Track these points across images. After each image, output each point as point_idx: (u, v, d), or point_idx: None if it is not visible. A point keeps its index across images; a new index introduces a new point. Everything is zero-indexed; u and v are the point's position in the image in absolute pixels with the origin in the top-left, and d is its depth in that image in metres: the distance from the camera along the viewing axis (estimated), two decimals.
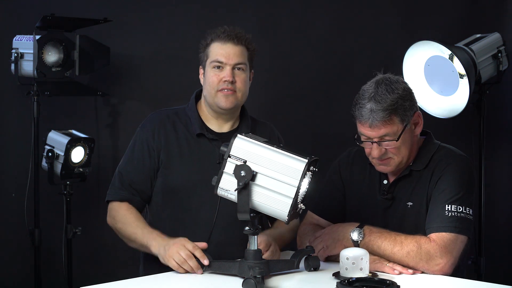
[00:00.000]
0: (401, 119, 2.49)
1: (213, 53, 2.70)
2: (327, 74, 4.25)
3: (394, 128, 2.48)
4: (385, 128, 2.47)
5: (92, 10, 3.96)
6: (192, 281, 2.33)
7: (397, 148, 2.51)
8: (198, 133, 2.72)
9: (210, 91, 2.70)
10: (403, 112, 2.49)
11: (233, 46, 2.69)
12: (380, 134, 2.48)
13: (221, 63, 2.68)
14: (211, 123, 2.77)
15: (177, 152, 2.71)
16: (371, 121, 2.46)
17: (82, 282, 2.41)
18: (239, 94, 2.71)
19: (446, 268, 2.38)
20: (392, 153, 2.52)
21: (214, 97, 2.69)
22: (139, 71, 4.14)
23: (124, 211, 2.68)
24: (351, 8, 4.29)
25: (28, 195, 3.73)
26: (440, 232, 2.42)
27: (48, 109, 3.85)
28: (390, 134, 2.48)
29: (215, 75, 2.68)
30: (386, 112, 2.46)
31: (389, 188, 2.61)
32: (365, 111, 2.47)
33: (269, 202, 2.24)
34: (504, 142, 4.26)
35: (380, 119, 2.46)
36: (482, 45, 3.75)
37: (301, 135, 4.11)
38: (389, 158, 2.53)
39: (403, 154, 2.53)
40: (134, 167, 2.72)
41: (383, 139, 2.49)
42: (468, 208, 2.46)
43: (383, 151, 2.51)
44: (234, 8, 4.16)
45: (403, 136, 2.50)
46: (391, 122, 2.47)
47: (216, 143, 2.68)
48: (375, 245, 2.44)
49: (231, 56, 2.68)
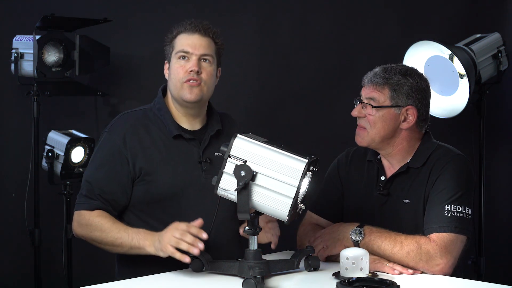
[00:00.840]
0: (391, 95, 2.57)
1: (179, 44, 2.60)
2: (327, 74, 4.25)
3: (381, 98, 2.57)
4: (374, 92, 2.58)
5: (92, 10, 3.96)
6: (192, 281, 2.33)
7: (374, 119, 2.57)
8: (175, 134, 2.60)
9: (175, 83, 2.59)
10: (398, 92, 2.57)
11: (200, 37, 2.60)
12: (368, 96, 2.59)
13: (187, 53, 2.58)
14: (182, 122, 2.64)
15: (157, 157, 2.57)
16: (367, 80, 2.61)
17: (82, 282, 2.41)
18: (204, 87, 2.58)
19: (446, 269, 2.39)
20: (368, 122, 2.58)
21: (180, 90, 2.57)
22: (139, 71, 4.15)
23: (98, 218, 2.50)
24: (351, 8, 4.29)
25: (28, 195, 3.73)
26: (440, 232, 2.42)
27: (48, 109, 3.85)
28: (375, 100, 2.57)
29: (180, 66, 2.58)
30: (383, 79, 2.58)
31: (385, 184, 2.62)
32: (371, 72, 2.63)
33: (269, 202, 2.24)
34: (504, 142, 4.26)
35: (374, 82, 2.59)
36: (482, 45, 3.75)
37: (301, 135, 4.11)
38: (364, 128, 2.59)
39: (377, 131, 2.57)
40: (104, 175, 2.55)
41: (368, 103, 2.58)
42: (467, 208, 2.46)
43: (362, 114, 2.60)
44: (234, 8, 4.16)
45: (385, 113, 2.57)
46: (381, 90, 2.58)
47: (194, 143, 2.61)
48: (375, 245, 2.44)
49: (197, 47, 2.58)
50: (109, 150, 2.58)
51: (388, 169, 2.64)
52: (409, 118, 2.59)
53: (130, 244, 2.43)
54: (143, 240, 2.40)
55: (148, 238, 2.40)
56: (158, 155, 2.57)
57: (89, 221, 2.51)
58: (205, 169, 2.59)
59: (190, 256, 2.30)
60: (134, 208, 2.60)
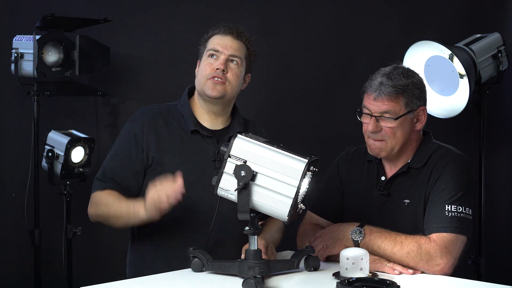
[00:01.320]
0: (406, 102, 2.51)
1: (211, 43, 2.69)
2: (327, 74, 4.25)
3: (397, 108, 2.50)
4: (388, 104, 2.49)
5: (92, 10, 3.96)
6: (192, 281, 2.33)
7: (393, 130, 2.51)
8: (193, 130, 2.67)
9: (200, 79, 2.67)
10: (411, 97, 2.52)
11: (232, 39, 2.68)
12: (382, 110, 2.50)
13: (216, 51, 2.65)
14: (204, 120, 2.71)
15: (170, 148, 2.65)
16: (377, 93, 2.50)
17: (82, 282, 2.41)
18: (228, 86, 2.65)
19: (446, 269, 2.39)
20: (387, 134, 2.52)
21: (203, 85, 2.65)
22: (139, 71, 4.15)
23: (106, 194, 2.61)
24: (351, 8, 4.29)
25: (28, 195, 3.73)
26: (440, 232, 2.42)
27: (48, 109, 3.85)
28: (391, 113, 2.50)
29: (208, 63, 2.66)
30: (394, 89, 2.49)
31: (386, 184, 2.61)
32: (375, 83, 2.51)
33: (269, 202, 2.23)
34: (504, 142, 4.26)
35: (386, 93, 2.49)
36: (482, 45, 3.75)
37: (301, 135, 4.11)
38: (383, 140, 2.53)
39: (397, 141, 2.53)
40: (119, 162, 2.65)
41: (382, 116, 2.50)
42: (468, 208, 2.46)
43: (379, 128, 2.52)
44: (234, 8, 4.16)
45: (402, 120, 2.51)
46: (396, 100, 2.50)
47: (211, 140, 2.67)
48: (375, 244, 2.44)
49: (227, 47, 2.66)
50: (127, 138, 2.68)
51: (389, 169, 2.64)
52: (421, 118, 2.58)
53: (128, 212, 2.52)
54: (139, 207, 2.48)
55: (142, 204, 2.46)
56: (172, 147, 2.65)
57: (98, 198, 2.63)
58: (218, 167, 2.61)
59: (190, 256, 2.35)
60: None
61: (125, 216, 2.54)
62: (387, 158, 2.62)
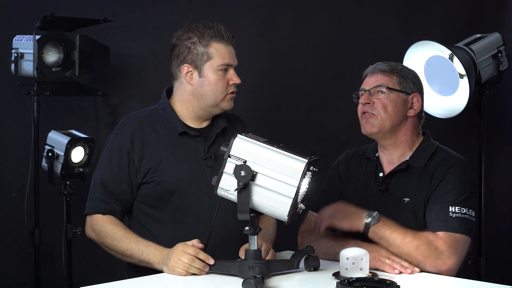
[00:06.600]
0: (399, 81, 2.62)
1: (220, 55, 2.62)
2: (327, 74, 4.25)
3: (390, 83, 2.61)
4: (382, 78, 2.61)
5: (92, 10, 3.96)
6: (192, 281, 2.33)
7: (384, 103, 2.57)
8: (181, 131, 2.65)
9: (217, 94, 2.63)
10: (405, 78, 2.63)
11: (232, 47, 2.67)
12: (375, 83, 2.61)
13: (230, 66, 2.64)
14: (187, 121, 2.69)
15: (163, 154, 2.62)
16: (372, 69, 2.64)
17: (82, 282, 2.41)
18: None
19: (452, 269, 2.39)
20: (378, 107, 2.57)
21: (221, 101, 2.64)
22: (139, 71, 4.14)
23: (110, 225, 2.58)
24: (351, 8, 4.29)
25: (28, 195, 3.73)
26: (446, 231, 2.43)
27: (48, 109, 3.85)
28: (384, 85, 2.59)
29: (222, 78, 2.63)
30: (389, 67, 2.63)
31: (383, 180, 2.62)
32: (372, 65, 2.68)
33: (269, 202, 2.24)
34: (504, 142, 4.26)
35: (381, 69, 2.63)
36: (482, 45, 3.75)
37: (301, 135, 4.11)
38: (373, 115, 2.58)
39: (388, 116, 2.58)
40: (114, 176, 2.62)
41: (375, 88, 2.59)
42: (471, 210, 2.48)
43: (371, 102, 2.59)
44: (234, 8, 4.16)
45: (394, 97, 2.59)
46: (389, 76, 2.62)
47: (199, 139, 2.66)
48: (386, 231, 2.43)
49: (234, 58, 2.67)
50: (118, 151, 2.64)
51: (387, 165, 2.65)
52: (415, 105, 2.63)
53: (140, 258, 2.51)
54: (152, 256, 2.47)
55: (156, 255, 2.46)
56: (164, 153, 2.63)
57: (102, 227, 2.60)
58: (210, 165, 2.64)
59: None
60: (142, 204, 2.66)
61: (135, 258, 2.53)
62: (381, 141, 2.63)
